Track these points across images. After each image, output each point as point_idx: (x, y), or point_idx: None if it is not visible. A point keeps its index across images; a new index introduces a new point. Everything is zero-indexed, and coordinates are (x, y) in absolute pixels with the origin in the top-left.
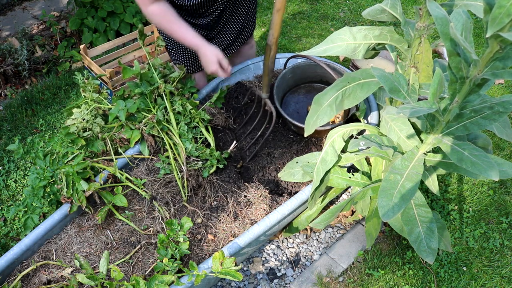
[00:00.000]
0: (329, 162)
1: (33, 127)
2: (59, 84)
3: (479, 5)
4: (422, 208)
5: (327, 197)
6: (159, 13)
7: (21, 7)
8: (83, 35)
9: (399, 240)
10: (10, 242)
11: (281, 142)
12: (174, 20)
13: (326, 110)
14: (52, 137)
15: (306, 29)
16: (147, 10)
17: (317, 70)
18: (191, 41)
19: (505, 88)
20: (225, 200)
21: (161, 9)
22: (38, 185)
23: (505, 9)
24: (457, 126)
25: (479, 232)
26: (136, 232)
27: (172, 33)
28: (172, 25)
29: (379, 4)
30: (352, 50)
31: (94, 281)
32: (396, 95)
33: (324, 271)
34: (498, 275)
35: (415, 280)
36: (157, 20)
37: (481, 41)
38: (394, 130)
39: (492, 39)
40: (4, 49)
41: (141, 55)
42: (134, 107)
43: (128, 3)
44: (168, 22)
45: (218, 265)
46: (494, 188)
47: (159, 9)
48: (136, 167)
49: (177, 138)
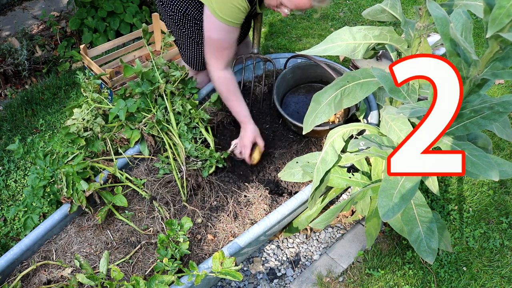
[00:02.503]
0: (329, 162)
1: (33, 127)
2: (59, 84)
3: (479, 5)
4: (422, 208)
5: (327, 197)
6: (225, 81)
7: (21, 7)
8: (83, 35)
9: (399, 240)
10: (10, 242)
11: (281, 142)
12: (235, 91)
13: (324, 108)
14: (52, 137)
15: (306, 29)
16: (216, 74)
17: (317, 70)
18: (242, 116)
19: (505, 88)
20: (225, 200)
21: (228, 78)
22: (38, 185)
23: (505, 9)
24: (457, 126)
25: (479, 232)
26: (136, 232)
27: (228, 102)
28: (231, 95)
29: (379, 4)
30: (352, 50)
31: (94, 281)
32: (396, 95)
33: (324, 271)
34: (498, 275)
35: (415, 280)
36: (222, 86)
37: (481, 41)
38: (394, 130)
39: (492, 39)
40: (4, 49)
41: (141, 55)
42: (134, 107)
43: (128, 3)
44: (229, 91)
45: (218, 265)
46: (494, 188)
47: (227, 77)
48: (136, 167)
49: (176, 138)
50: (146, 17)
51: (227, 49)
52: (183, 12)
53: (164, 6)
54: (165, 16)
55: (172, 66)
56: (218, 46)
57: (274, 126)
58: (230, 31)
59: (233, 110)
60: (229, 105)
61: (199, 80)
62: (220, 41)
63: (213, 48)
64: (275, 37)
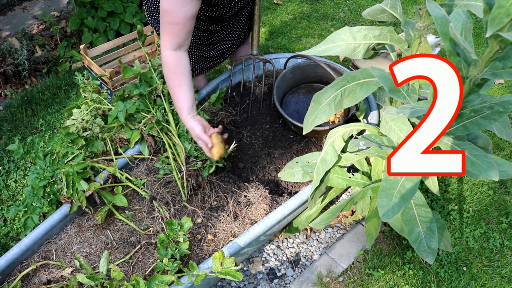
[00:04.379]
0: (329, 162)
1: (33, 127)
2: (59, 84)
3: (479, 5)
4: (422, 208)
5: (327, 197)
6: (171, 62)
7: (21, 7)
8: (83, 35)
9: (399, 240)
10: (10, 242)
11: (281, 142)
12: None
13: (325, 109)
14: (52, 137)
15: (306, 29)
16: (164, 52)
17: (317, 70)
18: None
19: (505, 88)
20: (225, 200)
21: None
22: (38, 185)
23: (504, 9)
24: (457, 126)
25: (479, 232)
26: (136, 232)
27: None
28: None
29: (379, 4)
30: (352, 50)
31: (94, 281)
32: (396, 95)
33: (324, 271)
34: (498, 275)
35: (415, 280)
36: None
37: (481, 41)
38: (394, 130)
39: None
40: (4, 49)
41: (141, 55)
42: (133, 108)
43: (128, 3)
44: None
45: (218, 265)
46: (494, 188)
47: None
48: (136, 167)
49: (176, 139)
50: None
51: (177, 24)
52: None
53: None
54: (154, 23)
55: None
56: (169, 19)
57: (274, 126)
58: (183, 3)
59: (174, 100)
60: (171, 92)
61: (195, 84)
62: (170, 12)
63: (163, 20)
64: (275, 37)
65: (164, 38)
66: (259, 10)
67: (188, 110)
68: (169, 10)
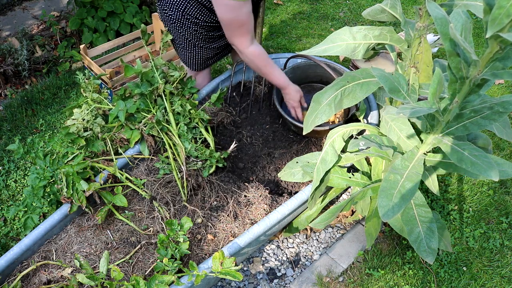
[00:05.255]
0: (329, 162)
1: (33, 127)
2: (59, 84)
3: (479, 5)
4: (422, 208)
5: (327, 197)
6: (258, 54)
7: (21, 7)
8: (83, 35)
9: (399, 240)
10: (10, 242)
11: (281, 142)
12: (269, 61)
13: (325, 109)
14: (52, 137)
15: (306, 29)
16: (247, 50)
17: (317, 70)
18: (282, 82)
19: (505, 88)
20: (225, 200)
21: (260, 51)
22: (38, 185)
23: (505, 9)
24: (457, 126)
25: (479, 232)
26: (136, 232)
27: (266, 72)
28: (268, 65)
29: (379, 4)
30: (352, 50)
31: (94, 281)
32: (396, 95)
33: (324, 271)
34: (498, 275)
35: (415, 280)
36: (257, 61)
37: (481, 41)
38: (394, 130)
39: (492, 39)
40: (4, 49)
41: (141, 55)
42: (133, 108)
43: (128, 3)
44: (265, 62)
45: (218, 265)
46: (494, 188)
47: (258, 51)
48: (136, 167)
49: (176, 139)
50: (146, 17)
51: (244, 24)
52: (182, 11)
53: (163, 6)
54: (164, 17)
55: (171, 66)
56: (235, 25)
57: (274, 126)
58: (240, 7)
59: (273, 80)
60: (268, 76)
61: (199, 81)
62: (234, 20)
63: (230, 29)
64: (275, 37)
65: (238, 41)
66: (263, 13)
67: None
68: (233, 19)
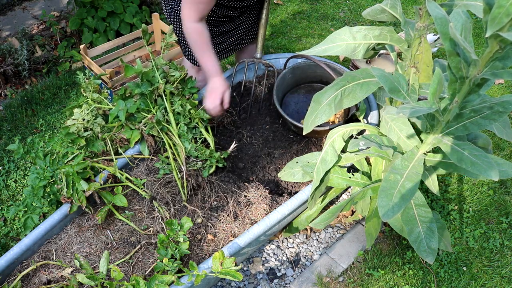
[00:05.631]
0: (329, 162)
1: (33, 127)
2: (59, 84)
3: (478, 5)
4: (422, 208)
5: (327, 197)
6: (197, 32)
7: (21, 7)
8: (83, 35)
9: (399, 240)
10: (10, 242)
11: (281, 142)
12: (207, 43)
13: (325, 109)
14: (52, 137)
15: (306, 29)
16: (188, 24)
17: (317, 70)
18: (212, 67)
19: (505, 88)
20: (225, 200)
21: (200, 29)
22: (38, 185)
23: (504, 9)
24: (457, 126)
25: (479, 232)
26: (136, 232)
27: (199, 54)
28: (203, 47)
29: (379, 4)
30: (352, 50)
31: (94, 281)
32: (396, 95)
33: (324, 271)
34: (498, 275)
35: (415, 280)
36: (193, 36)
37: (481, 41)
38: (394, 130)
39: (492, 39)
40: (4, 49)
41: (141, 55)
42: (134, 107)
43: (128, 3)
44: (201, 43)
45: (218, 265)
46: (494, 188)
47: (200, 29)
48: (136, 167)
49: (176, 139)
50: (146, 17)
51: (202, 3)
52: None
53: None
54: (168, 10)
55: (172, 66)
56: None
57: (274, 126)
58: None
59: (202, 62)
60: (199, 57)
61: (200, 78)
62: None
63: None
64: (275, 37)
65: (188, 12)
66: (267, 15)
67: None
68: None
